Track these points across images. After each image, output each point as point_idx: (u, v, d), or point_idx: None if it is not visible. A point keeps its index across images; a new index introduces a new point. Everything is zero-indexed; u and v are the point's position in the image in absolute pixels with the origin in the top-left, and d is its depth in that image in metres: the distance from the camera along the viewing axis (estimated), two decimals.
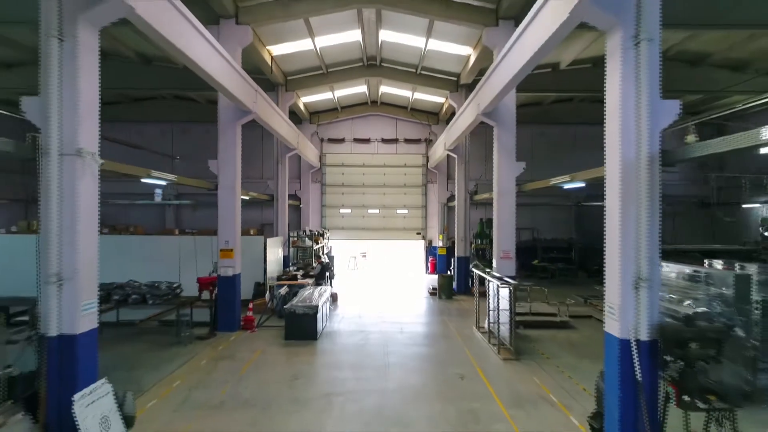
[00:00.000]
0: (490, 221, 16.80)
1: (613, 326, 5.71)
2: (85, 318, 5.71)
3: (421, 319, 13.38)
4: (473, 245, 19.17)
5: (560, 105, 20.76)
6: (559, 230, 22.85)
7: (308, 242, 17.57)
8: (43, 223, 5.54)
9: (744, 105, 14.31)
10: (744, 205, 20.91)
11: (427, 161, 22.87)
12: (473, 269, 12.66)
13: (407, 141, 23.08)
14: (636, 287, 5.49)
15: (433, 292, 16.90)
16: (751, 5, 10.03)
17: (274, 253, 15.43)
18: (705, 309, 7.33)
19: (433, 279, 18.13)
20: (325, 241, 20.37)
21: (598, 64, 15.14)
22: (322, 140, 22.99)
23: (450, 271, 19.23)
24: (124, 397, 6.22)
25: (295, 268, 16.11)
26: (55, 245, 5.48)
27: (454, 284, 16.96)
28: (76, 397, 5.46)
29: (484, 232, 19.19)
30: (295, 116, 20.92)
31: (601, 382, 6.04)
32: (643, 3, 5.41)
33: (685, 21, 10.15)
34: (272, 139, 17.97)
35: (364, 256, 26.50)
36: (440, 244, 22.20)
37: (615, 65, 5.68)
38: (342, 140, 23.06)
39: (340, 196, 23.20)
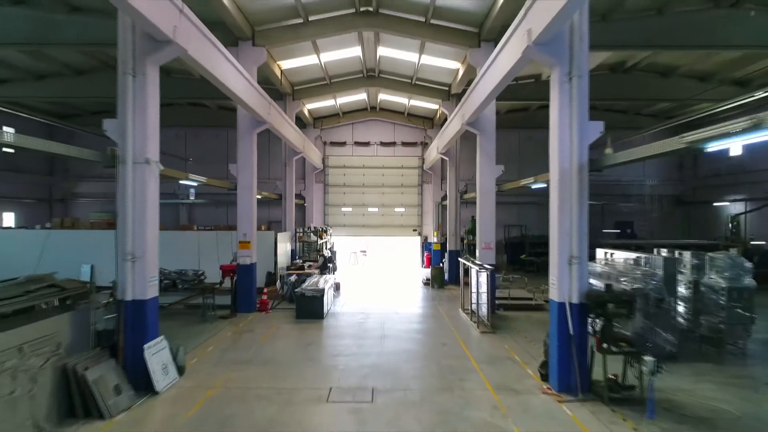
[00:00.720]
0: None
1: (554, 293, 7.52)
2: (151, 287, 7.53)
3: (414, 303, 15.18)
4: (465, 240, 20.94)
5: (545, 110, 22.38)
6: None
7: (313, 237, 19.38)
8: (120, 215, 7.35)
9: (701, 113, 16.01)
10: (715, 204, 22.69)
11: (423, 163, 24.67)
12: (460, 260, 14.46)
13: (404, 144, 24.89)
14: (569, 263, 7.30)
15: (426, 283, 18.71)
16: (673, 30, 12.00)
17: (283, 246, 17.24)
18: (639, 285, 9.23)
19: (428, 272, 19.92)
20: (328, 237, 22.17)
21: None
22: (325, 143, 24.80)
23: (442, 263, 21.00)
24: (176, 351, 8.06)
25: (301, 261, 17.92)
26: (129, 232, 7.30)
27: (446, 275, 18.75)
28: (146, 346, 7.30)
29: (474, 229, 20.95)
30: (300, 121, 22.70)
31: (547, 340, 7.85)
32: (574, 49, 7.22)
33: (619, 43, 12.14)
34: (279, 142, 19.74)
35: (364, 253, 28.26)
36: (435, 240, 23.95)
37: (555, 94, 7.49)
38: (343, 143, 24.87)
39: (342, 196, 25.01)
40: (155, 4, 6.70)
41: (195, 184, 12.80)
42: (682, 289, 10.15)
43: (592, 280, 9.66)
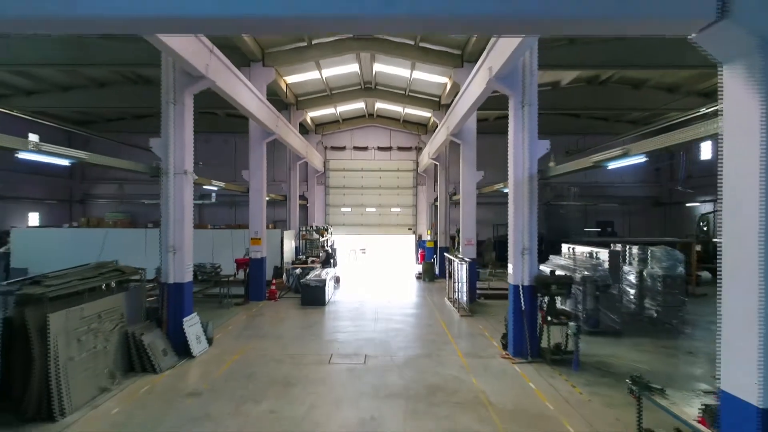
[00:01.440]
0: None
1: (511, 278, 9.41)
2: (187, 273, 9.43)
3: (406, 294, 17.06)
4: (456, 239, 22.79)
5: None
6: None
7: (315, 235, 21.27)
8: (163, 215, 9.24)
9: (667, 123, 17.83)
10: (687, 204, 24.54)
11: (417, 166, 26.55)
12: (446, 254, 16.34)
13: (400, 149, 26.77)
14: (522, 254, 9.17)
15: (419, 277, 20.59)
16: (635, 52, 13.84)
17: (289, 243, 19.13)
18: (588, 273, 11.11)
19: (421, 267, 21.79)
20: (329, 235, 24.05)
21: (555, 87, 18.78)
22: (326, 148, 26.69)
23: (434, 259, 22.87)
24: (206, 326, 9.95)
25: (305, 257, 19.81)
26: (171, 229, 9.18)
27: (436, 270, 20.63)
28: (184, 320, 9.19)
29: None
30: (303, 128, 24.57)
31: (507, 316, 9.73)
32: (525, 83, 9.10)
33: (586, 63, 13.98)
34: (284, 148, 21.58)
35: (363, 251, 30.10)
36: (428, 238, 25.81)
37: (511, 118, 9.36)
38: (343, 148, 26.76)
39: (342, 197, 26.91)
40: (191, 47, 8.57)
41: (215, 188, 14.66)
42: (631, 278, 12.05)
43: (558, 271, 11.53)
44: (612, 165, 7.38)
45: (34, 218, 23.99)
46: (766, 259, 3.42)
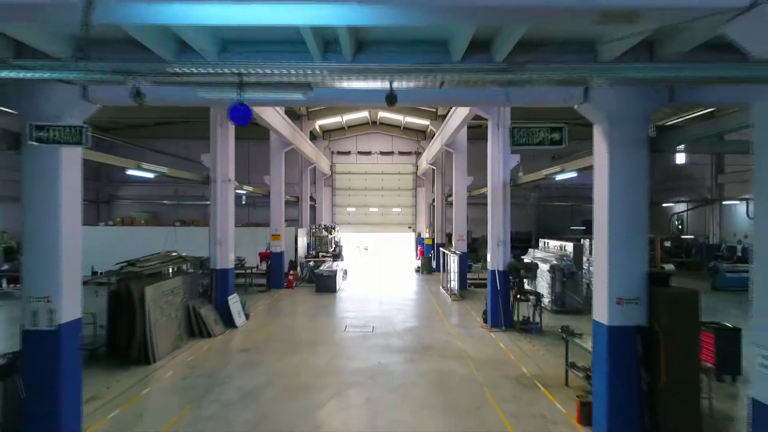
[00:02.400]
0: None
1: (489, 264, 11.80)
2: (230, 261, 11.85)
3: (406, 284, 19.46)
4: (451, 236, 25.16)
5: None
6: (523, 224, 28.85)
7: (324, 233, 23.69)
8: (211, 215, 11.67)
9: None
10: (664, 204, 26.91)
11: (416, 170, 28.94)
12: (441, 249, 18.74)
13: (401, 153, 29.17)
14: (498, 245, 11.57)
15: (418, 270, 22.99)
16: None
17: (302, 240, 21.54)
18: (556, 263, 13.50)
19: (420, 262, 24.20)
20: (336, 233, 26.45)
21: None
22: (332, 153, 29.10)
23: (431, 254, 25.28)
24: (244, 304, 12.38)
25: (315, 252, 22.22)
26: (218, 226, 11.61)
27: (434, 264, 23.02)
28: (229, 298, 11.63)
29: None
30: (311, 134, 26.96)
31: (487, 296, 12.13)
32: (500, 109, 11.50)
33: None
34: (295, 153, 23.97)
35: (366, 249, 32.50)
36: (427, 235, 28.22)
37: (489, 136, 11.76)
38: (348, 153, 29.17)
39: (347, 198, 29.33)
40: None
41: (245, 192, 17.07)
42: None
43: (537, 261, 13.93)
44: (558, 177, 9.77)
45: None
46: None
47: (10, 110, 5.86)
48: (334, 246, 22.08)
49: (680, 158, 25.68)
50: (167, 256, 10.54)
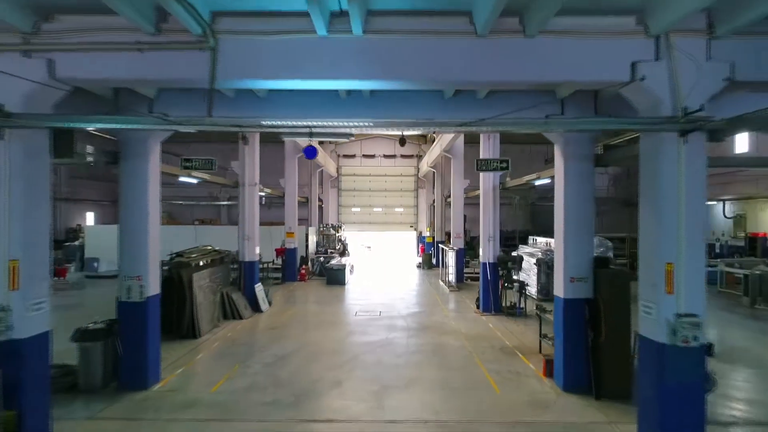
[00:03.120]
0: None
1: (481, 257, 13.63)
2: (255, 254, 13.71)
3: (408, 278, 21.29)
4: (450, 234, 26.98)
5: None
6: (519, 223, 30.66)
7: (332, 231, 25.53)
8: (240, 213, 13.52)
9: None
10: None
11: (418, 172, 30.78)
12: (440, 245, 20.56)
13: (403, 156, 30.99)
14: (489, 240, 13.40)
15: (419, 266, 24.81)
16: None
17: (312, 238, 23.39)
18: (542, 256, 15.31)
19: (421, 258, 26.02)
20: (342, 231, 28.28)
21: None
22: (338, 156, 30.95)
23: (431, 251, 27.11)
24: (267, 292, 14.24)
25: (324, 249, 24.07)
26: (247, 224, 13.47)
27: (434, 260, 24.84)
28: (255, 286, 13.49)
29: None
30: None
31: (479, 286, 13.95)
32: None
33: None
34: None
35: (369, 248, 34.33)
36: (428, 234, 30.04)
37: (482, 147, 13.55)
38: (354, 156, 31.02)
39: (352, 198, 31.17)
40: None
41: (263, 193, 18.93)
42: None
43: (522, 254, 15.75)
44: (537, 183, 11.59)
45: (90, 217, 28.34)
46: None
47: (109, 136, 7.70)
48: (340, 244, 23.91)
49: None
50: (205, 250, 12.39)
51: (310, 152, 6.00)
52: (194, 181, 11.83)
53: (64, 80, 5.19)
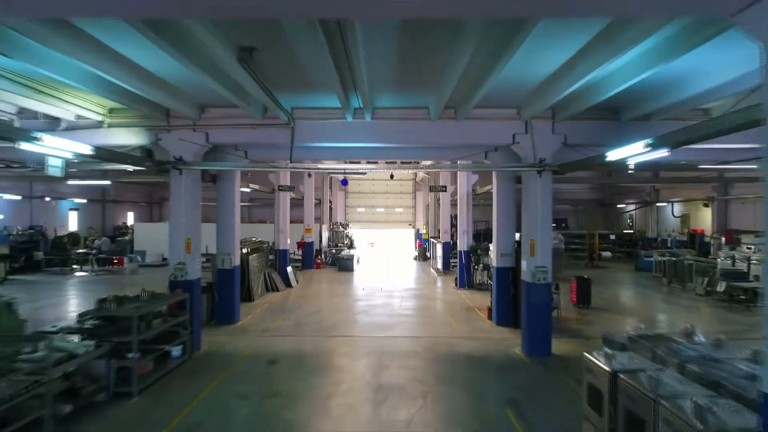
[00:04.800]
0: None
1: (459, 246, 18.20)
2: (287, 244, 18.32)
3: (405, 267, 25.85)
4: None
5: None
6: None
7: (340, 228, 30.12)
8: (275, 213, 18.14)
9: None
10: (618, 205, 33.14)
11: (416, 176, 35.30)
12: (431, 239, 25.12)
13: (402, 162, 35.45)
14: (463, 234, 17.98)
15: (415, 258, 29.37)
16: None
17: (324, 234, 27.99)
18: None
19: (417, 252, 30.57)
20: (349, 228, 32.85)
21: None
22: (345, 162, 35.45)
23: (427, 245, 31.63)
24: (295, 273, 18.88)
25: (334, 243, 28.65)
26: (280, 221, 18.10)
27: (428, 253, 29.38)
28: (287, 268, 18.13)
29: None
30: None
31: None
32: None
33: None
34: None
35: (372, 245, 38.85)
36: (424, 231, 34.56)
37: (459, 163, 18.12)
38: (359, 163, 35.49)
39: (358, 199, 35.74)
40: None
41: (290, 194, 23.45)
42: None
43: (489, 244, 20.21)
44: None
45: (131, 216, 33.03)
46: None
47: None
48: (348, 238, 28.51)
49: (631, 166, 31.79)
50: (251, 240, 16.99)
51: (344, 182, 10.42)
52: (248, 189, 16.41)
53: (212, 143, 9.79)
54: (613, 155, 7.11)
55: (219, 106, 9.54)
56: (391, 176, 11.32)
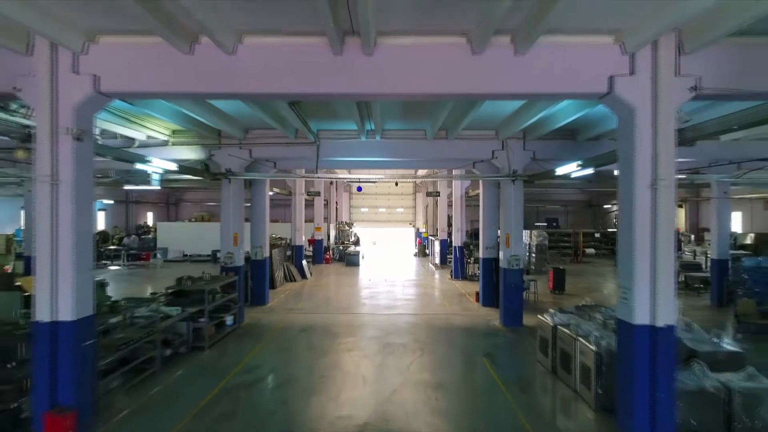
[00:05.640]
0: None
1: (453, 242, 20.78)
2: (302, 241, 20.91)
3: (406, 262, 28.43)
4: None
5: None
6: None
7: (346, 227, 32.69)
8: (293, 213, 20.74)
9: None
10: (605, 206, 35.69)
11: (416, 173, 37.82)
12: (429, 237, 27.71)
13: (402, 176, 38.06)
14: (458, 231, 20.57)
15: (415, 254, 31.95)
16: None
17: (332, 232, 30.57)
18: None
19: (417, 249, 33.15)
20: (353, 227, 35.43)
21: None
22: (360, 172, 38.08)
23: (426, 243, 34.19)
24: (310, 266, 21.48)
25: (340, 240, 31.22)
26: (296, 220, 20.71)
27: (427, 250, 31.95)
28: (303, 261, 20.73)
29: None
30: None
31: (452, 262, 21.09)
32: None
33: None
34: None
35: (375, 243, 41.44)
36: (424, 230, 37.12)
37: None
38: (369, 173, 38.11)
39: (361, 200, 38.31)
40: None
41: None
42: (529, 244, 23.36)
43: None
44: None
45: (150, 216, 35.60)
46: None
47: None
48: (354, 236, 31.10)
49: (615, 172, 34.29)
50: (272, 237, 19.58)
51: (359, 189, 13.02)
52: (271, 193, 19.00)
53: (254, 158, 12.39)
54: (559, 170, 9.70)
55: (260, 128, 12.11)
56: (396, 184, 13.77)
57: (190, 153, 12.15)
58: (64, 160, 5.80)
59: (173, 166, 9.41)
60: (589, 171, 8.62)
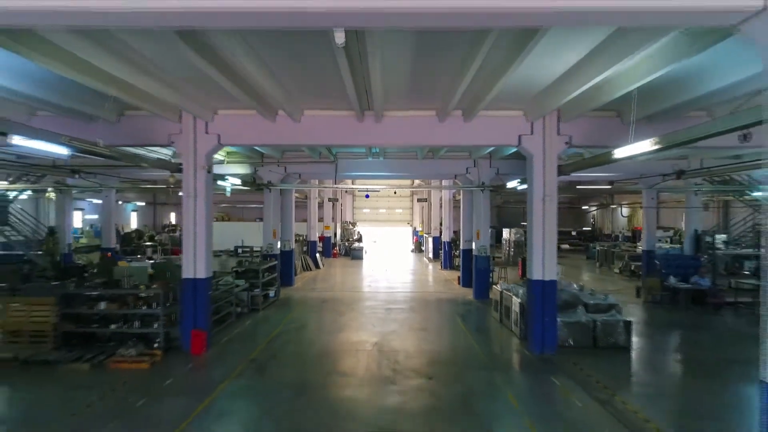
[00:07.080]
0: None
1: (443, 238, 25.06)
2: (315, 237, 25.18)
3: (404, 257, 32.68)
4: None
5: None
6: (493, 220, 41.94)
7: (350, 226, 36.95)
8: (308, 214, 25.02)
9: None
10: (584, 207, 39.97)
11: (413, 182, 42.06)
12: (424, 234, 31.98)
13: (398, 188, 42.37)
14: (447, 228, 24.84)
15: (412, 251, 36.21)
16: None
17: (338, 230, 34.83)
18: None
19: (414, 246, 37.41)
20: (356, 226, 39.67)
21: None
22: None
23: (422, 240, 38.41)
24: (322, 258, 25.76)
25: (345, 237, 35.47)
26: (311, 220, 24.99)
27: (422, 247, 36.19)
28: (316, 254, 25.05)
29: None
30: None
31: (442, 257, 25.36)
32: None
33: None
34: None
35: (375, 242, 45.66)
36: (420, 229, 41.35)
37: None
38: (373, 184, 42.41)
39: (364, 202, 42.54)
40: None
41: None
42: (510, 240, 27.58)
43: None
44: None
45: (172, 216, 39.79)
46: None
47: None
48: (358, 233, 35.41)
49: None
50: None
51: (367, 196, 17.30)
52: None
53: (288, 173, 16.66)
54: (509, 184, 13.98)
55: (294, 151, 16.36)
56: (395, 192, 18.09)
57: (239, 169, 16.40)
58: (200, 184, 10.03)
59: (238, 181, 13.68)
60: (525, 186, 12.84)
